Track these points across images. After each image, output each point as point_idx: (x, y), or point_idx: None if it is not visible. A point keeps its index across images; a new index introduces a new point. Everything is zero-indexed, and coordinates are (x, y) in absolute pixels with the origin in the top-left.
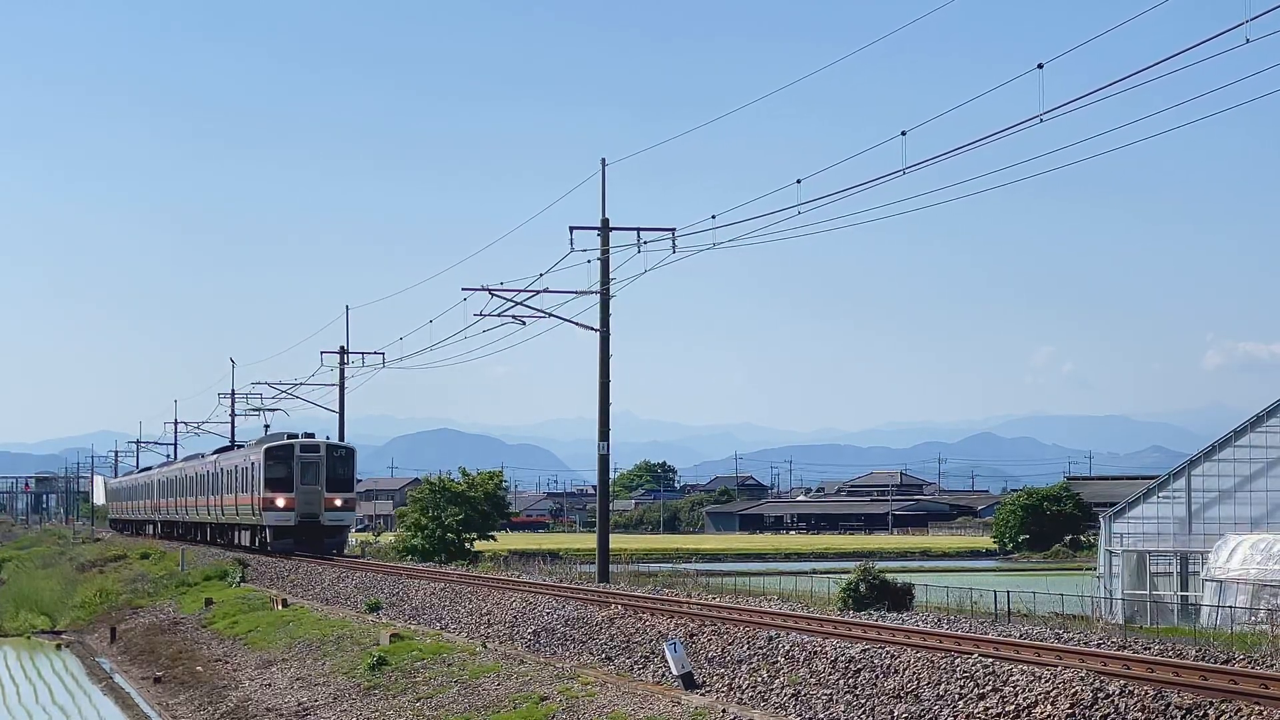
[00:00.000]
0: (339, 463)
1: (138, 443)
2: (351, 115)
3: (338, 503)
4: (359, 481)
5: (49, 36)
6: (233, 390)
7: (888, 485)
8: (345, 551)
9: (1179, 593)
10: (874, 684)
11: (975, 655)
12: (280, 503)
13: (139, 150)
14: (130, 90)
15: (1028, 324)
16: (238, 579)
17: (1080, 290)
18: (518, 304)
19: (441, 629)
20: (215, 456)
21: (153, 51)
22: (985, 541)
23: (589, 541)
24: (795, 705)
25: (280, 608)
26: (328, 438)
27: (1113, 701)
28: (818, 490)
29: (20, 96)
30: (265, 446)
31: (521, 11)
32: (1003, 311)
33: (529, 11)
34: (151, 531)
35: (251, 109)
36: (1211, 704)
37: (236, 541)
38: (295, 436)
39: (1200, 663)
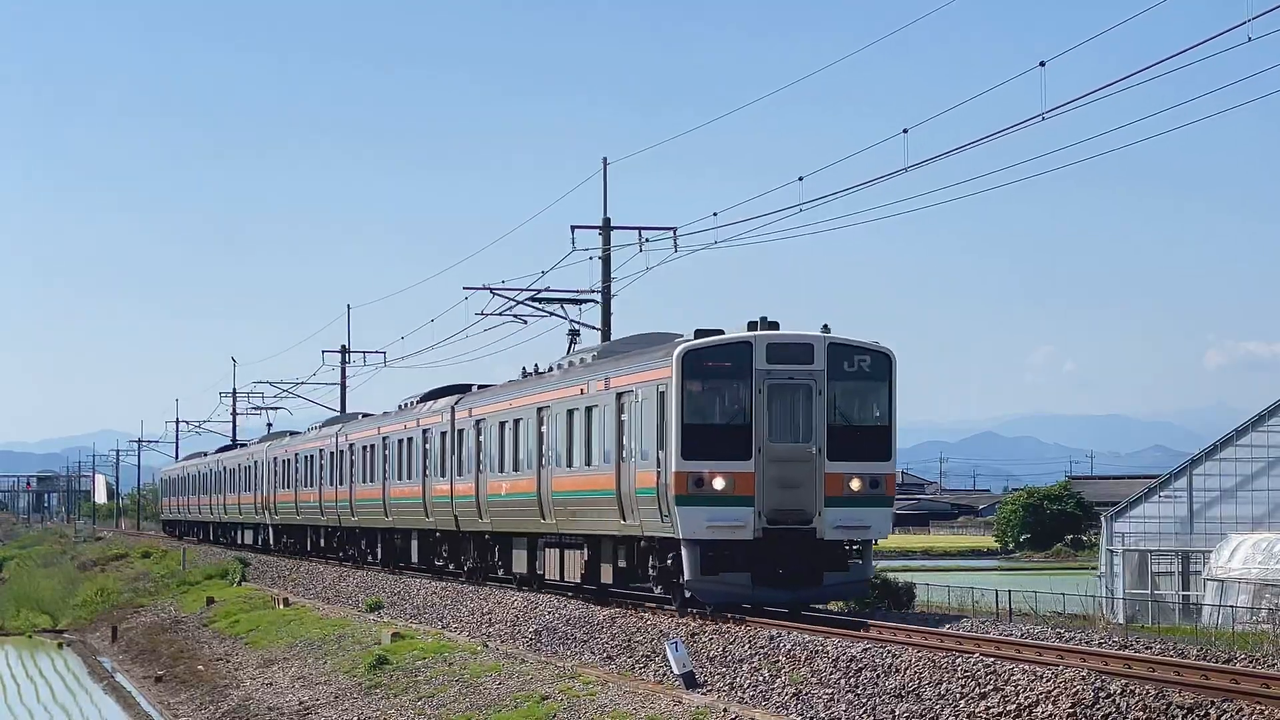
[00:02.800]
0: (860, 390)
1: (139, 442)
2: (352, 114)
3: (855, 485)
4: None
5: (47, 33)
6: (234, 389)
7: None
8: (863, 591)
9: (1180, 592)
10: (875, 683)
11: (976, 654)
12: (719, 484)
13: (139, 149)
14: (131, 89)
15: (1029, 323)
16: (239, 578)
17: (1082, 289)
18: (519, 303)
19: (443, 628)
20: (422, 406)
21: (153, 49)
22: (987, 541)
23: None
24: (796, 705)
25: (281, 607)
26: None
27: (1114, 701)
28: None
29: (18, 94)
30: (683, 348)
31: (522, 10)
32: (1004, 310)
33: (530, 10)
34: (253, 541)
35: (252, 108)
36: (1213, 704)
37: (560, 574)
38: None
39: (1202, 662)
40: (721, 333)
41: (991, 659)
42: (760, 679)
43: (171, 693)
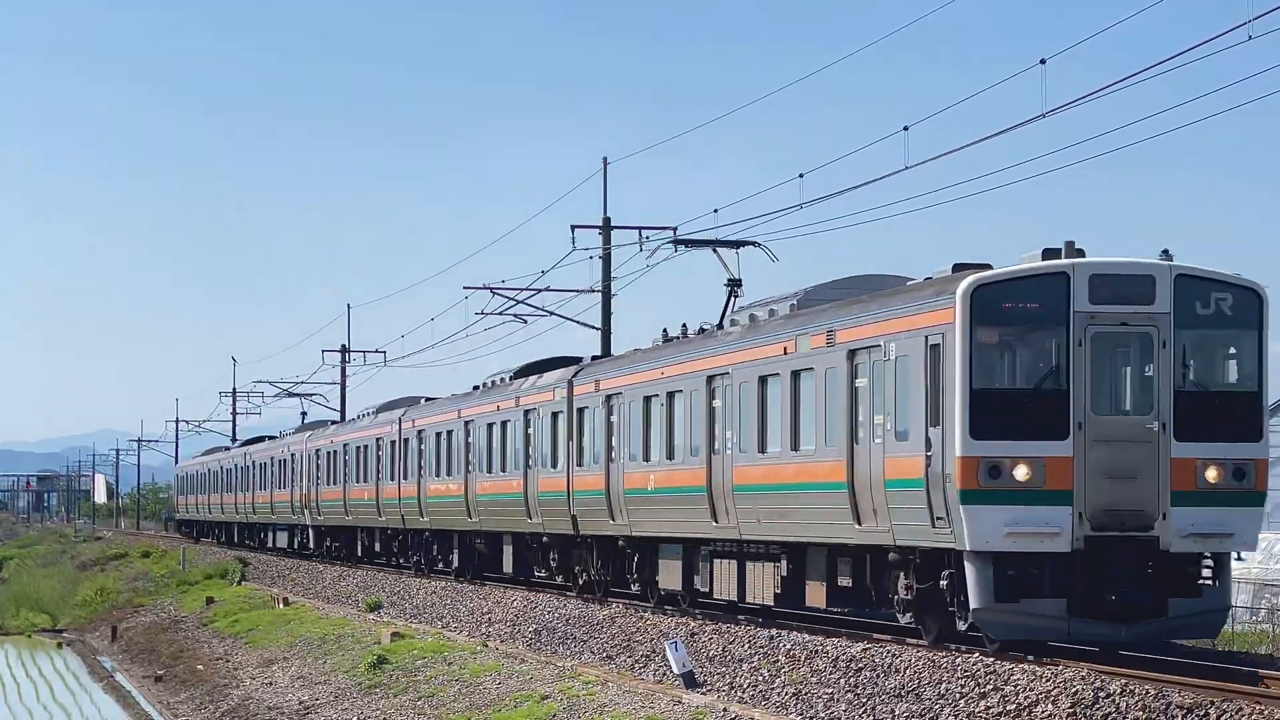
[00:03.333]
0: (1219, 342)
1: (139, 441)
2: (352, 113)
3: (1212, 476)
4: None
5: (44, 26)
6: (234, 389)
7: None
8: (1217, 627)
9: None
10: (875, 683)
11: (976, 654)
12: (1023, 474)
13: (139, 148)
14: (131, 87)
15: None
16: (238, 578)
17: None
18: (519, 302)
19: (443, 628)
20: (522, 382)
21: (153, 46)
22: None
23: None
24: (796, 704)
25: (281, 606)
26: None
27: (1114, 700)
28: None
29: (16, 88)
30: (971, 282)
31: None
32: None
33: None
34: (289, 544)
35: (253, 107)
36: (1212, 703)
37: (739, 593)
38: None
39: (1201, 662)
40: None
41: (991, 659)
42: (760, 679)
43: (171, 692)
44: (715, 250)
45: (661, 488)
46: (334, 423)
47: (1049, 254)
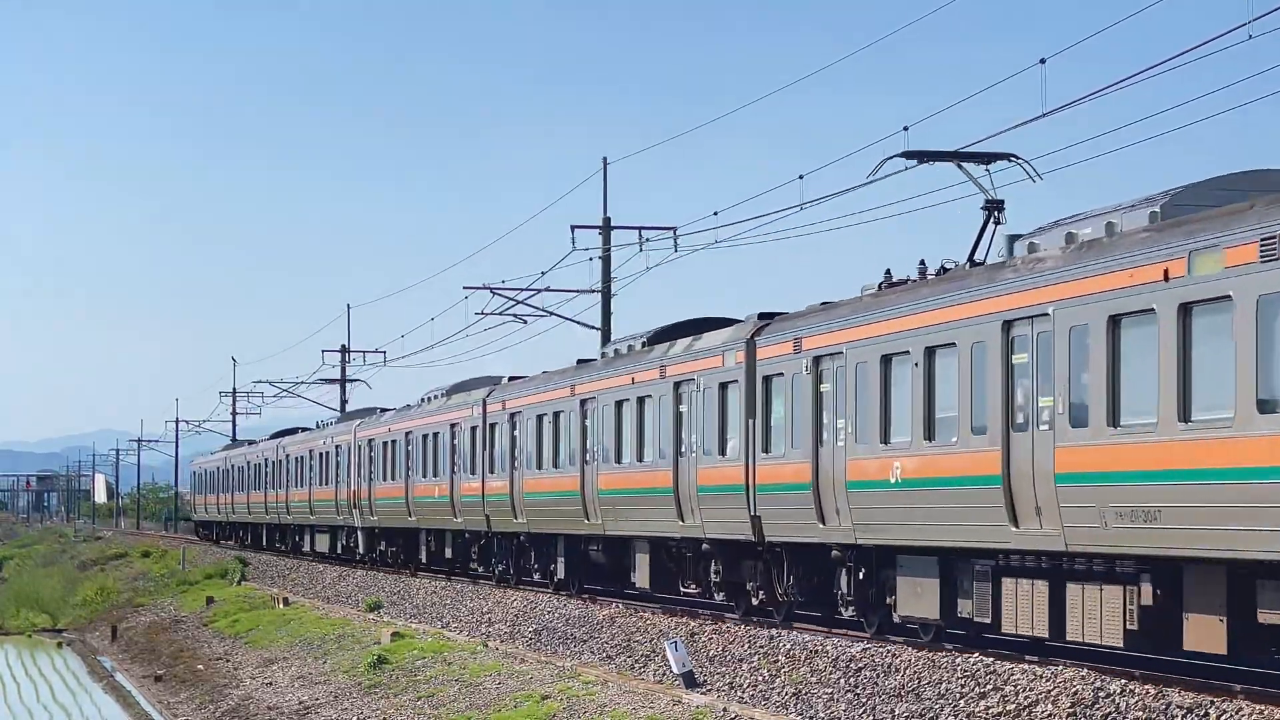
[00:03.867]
0: None
1: (139, 441)
2: (352, 113)
3: None
4: None
5: (48, 33)
6: (234, 388)
7: None
8: None
9: None
10: (875, 683)
11: (976, 654)
12: None
13: (140, 149)
14: (131, 89)
15: None
16: (238, 578)
17: None
18: (519, 303)
19: (443, 628)
20: (668, 347)
21: (153, 48)
22: None
23: None
24: (796, 704)
25: (281, 606)
26: None
27: (1114, 700)
28: None
29: (21, 94)
30: None
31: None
32: None
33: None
34: (330, 548)
35: (253, 108)
36: (1212, 703)
37: (1080, 630)
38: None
39: (1201, 662)
40: None
41: (991, 659)
42: (760, 678)
43: (171, 692)
44: (960, 166)
45: (925, 478)
46: (384, 409)
47: None
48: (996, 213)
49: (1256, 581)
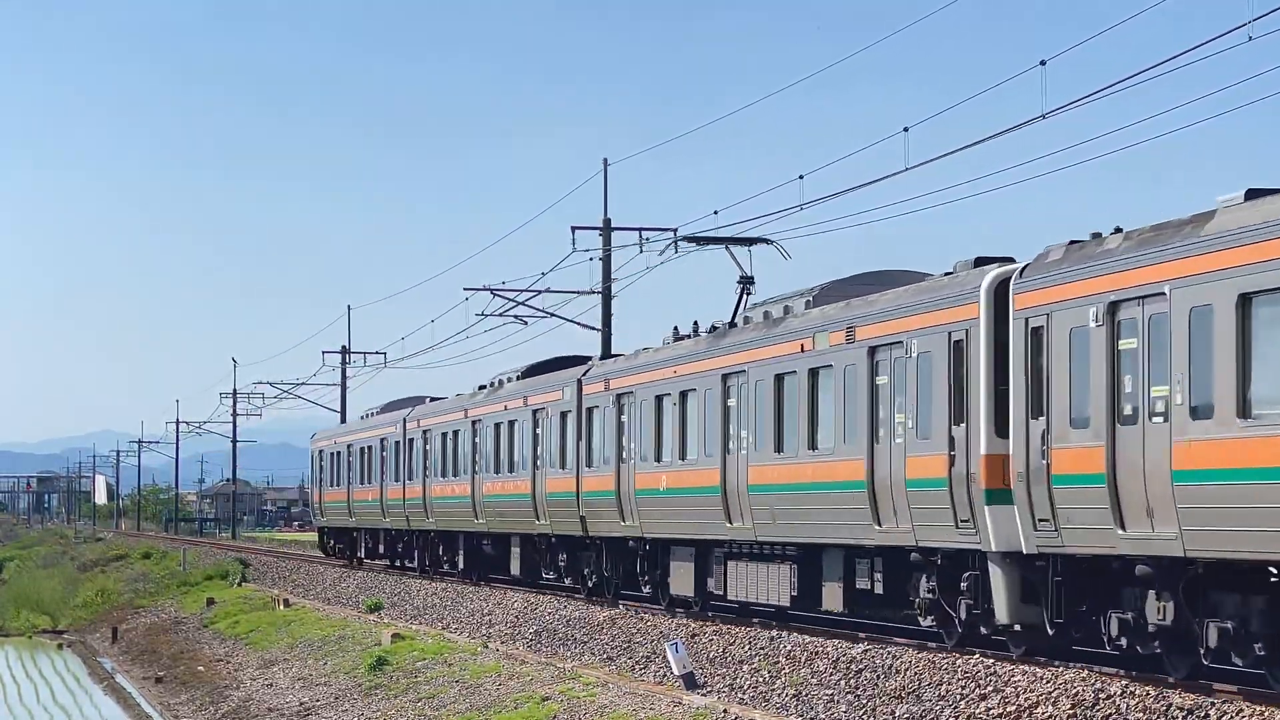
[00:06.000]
0: None
1: (139, 442)
2: (352, 113)
3: None
4: None
5: (51, 33)
6: (234, 389)
7: None
8: None
9: None
10: (875, 684)
11: (977, 655)
12: None
13: (140, 150)
14: (130, 89)
15: None
16: (239, 579)
17: None
18: (519, 304)
19: (443, 629)
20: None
21: (152, 48)
22: None
23: None
24: (796, 705)
25: (282, 608)
26: None
27: (1114, 702)
28: None
29: (21, 96)
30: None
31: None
32: None
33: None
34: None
35: (252, 108)
36: (1212, 704)
37: None
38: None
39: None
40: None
41: (991, 660)
42: (760, 680)
43: (172, 693)
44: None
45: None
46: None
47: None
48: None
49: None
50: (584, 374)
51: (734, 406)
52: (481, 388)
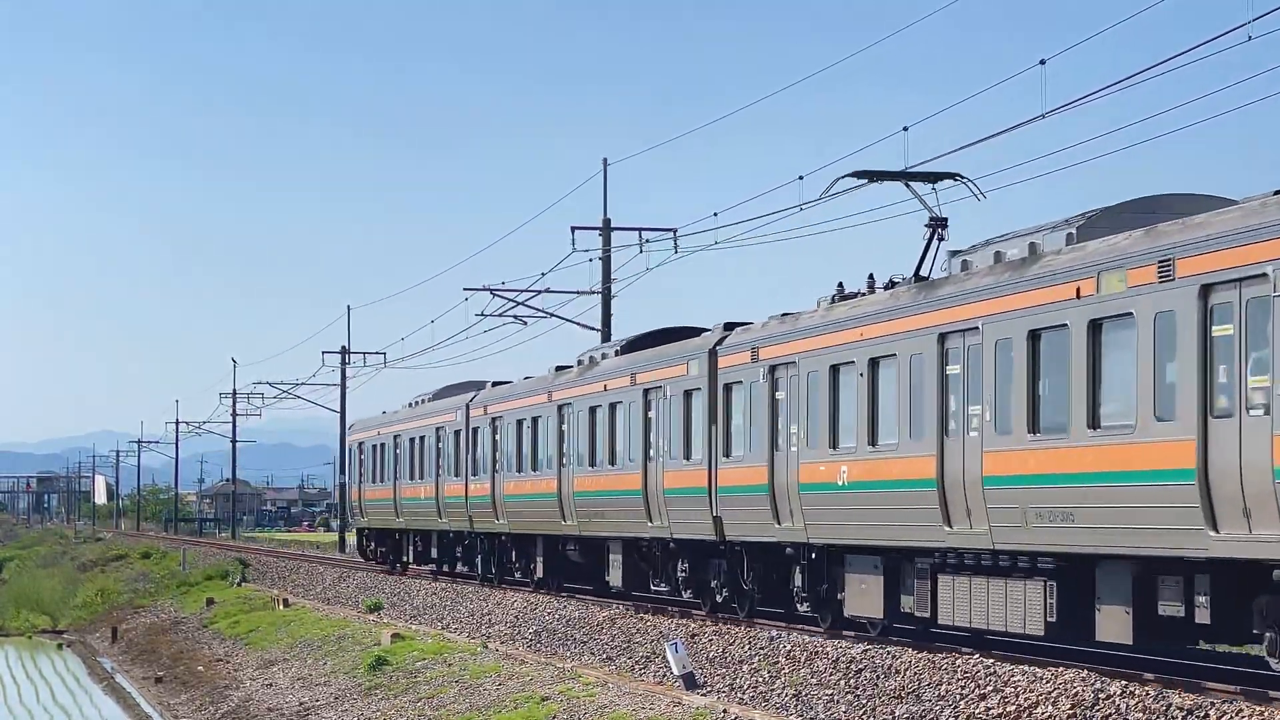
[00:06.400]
0: None
1: (139, 443)
2: (352, 113)
3: None
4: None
5: (51, 35)
6: (234, 390)
7: None
8: None
9: None
10: (875, 684)
11: (976, 655)
12: None
13: (140, 150)
14: (129, 89)
15: None
16: (238, 579)
17: None
18: (519, 304)
19: (443, 629)
20: None
21: (152, 48)
22: None
23: None
24: (796, 705)
25: (281, 608)
26: None
27: (1114, 702)
28: None
29: (21, 98)
30: None
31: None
32: None
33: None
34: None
35: (253, 109)
36: (1212, 704)
37: None
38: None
39: (1201, 663)
40: None
41: (991, 660)
42: (760, 680)
43: (171, 693)
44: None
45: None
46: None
47: None
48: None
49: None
50: (718, 343)
51: (957, 374)
52: (562, 368)
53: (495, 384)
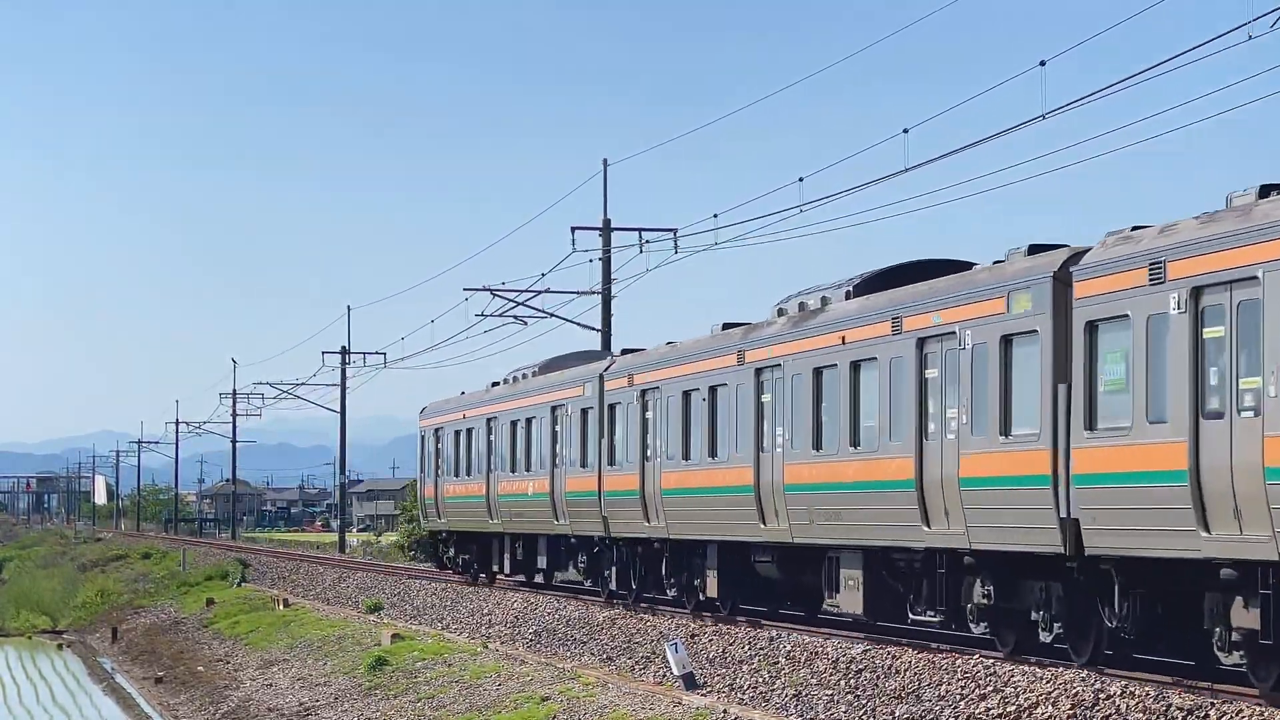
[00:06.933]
0: None
1: (139, 443)
2: (352, 114)
3: None
4: (359, 483)
5: (51, 35)
6: (234, 390)
7: None
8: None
9: None
10: (875, 684)
11: (976, 655)
12: None
13: (140, 150)
14: (130, 89)
15: None
16: (238, 579)
17: None
18: (519, 304)
19: (443, 629)
20: None
21: (151, 48)
22: None
23: None
24: (796, 706)
25: (281, 608)
26: None
27: (1114, 702)
28: None
29: (22, 95)
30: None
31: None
32: None
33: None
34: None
35: (253, 108)
36: (1212, 705)
37: None
38: None
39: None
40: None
41: (991, 660)
42: (760, 680)
43: (171, 694)
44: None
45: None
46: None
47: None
48: None
49: None
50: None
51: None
52: (729, 325)
53: (626, 351)
